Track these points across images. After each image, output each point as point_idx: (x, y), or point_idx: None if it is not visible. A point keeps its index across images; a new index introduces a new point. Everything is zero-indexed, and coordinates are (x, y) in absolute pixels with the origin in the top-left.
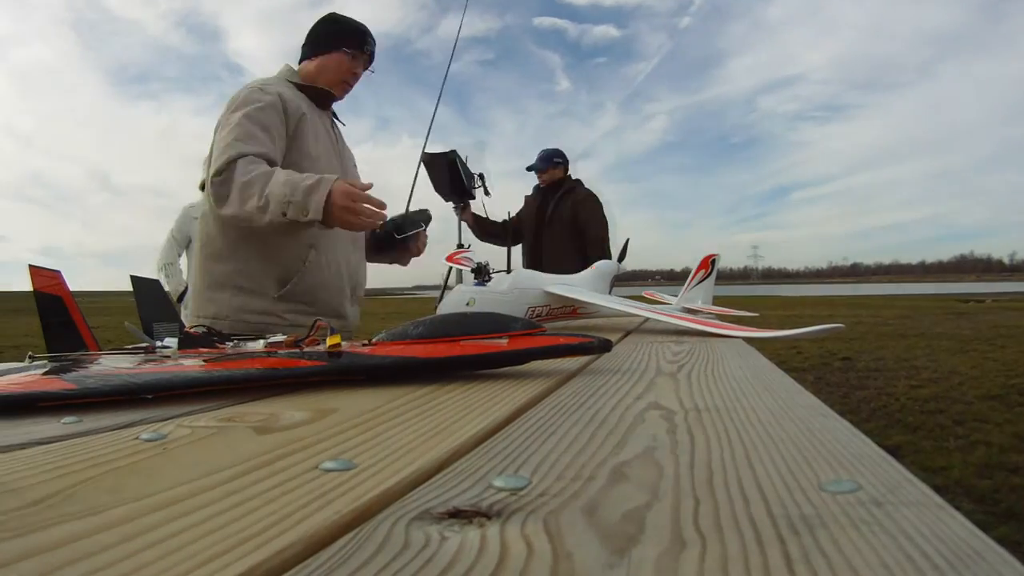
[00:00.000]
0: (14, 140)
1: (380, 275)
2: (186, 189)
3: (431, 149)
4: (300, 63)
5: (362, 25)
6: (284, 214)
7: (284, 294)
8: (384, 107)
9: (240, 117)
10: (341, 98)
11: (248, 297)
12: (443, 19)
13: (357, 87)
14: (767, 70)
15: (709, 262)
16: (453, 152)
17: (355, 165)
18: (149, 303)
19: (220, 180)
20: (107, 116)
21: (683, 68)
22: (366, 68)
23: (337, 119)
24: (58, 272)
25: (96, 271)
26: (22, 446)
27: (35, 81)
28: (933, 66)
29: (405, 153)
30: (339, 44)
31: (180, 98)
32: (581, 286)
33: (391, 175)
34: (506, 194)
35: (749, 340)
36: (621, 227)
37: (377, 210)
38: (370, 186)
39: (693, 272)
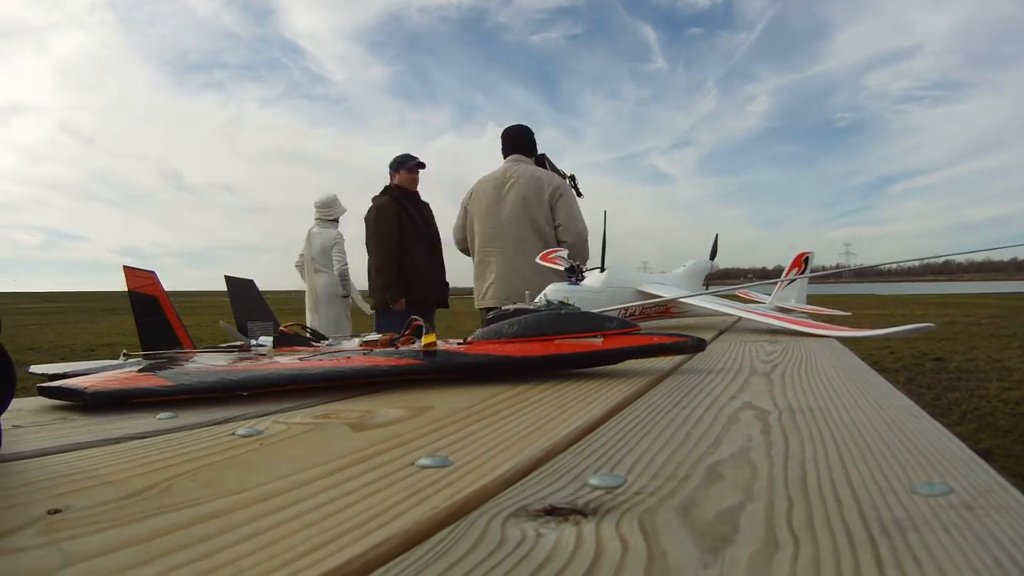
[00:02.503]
0: (73, 137)
1: (469, 275)
2: (263, 188)
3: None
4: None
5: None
6: None
7: None
8: (464, 92)
9: None
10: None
11: None
12: None
13: (430, 72)
14: (878, 41)
15: (802, 260)
16: (543, 155)
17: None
18: (243, 302)
19: None
20: (168, 108)
21: (786, 40)
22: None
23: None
24: (153, 273)
25: (180, 271)
26: (117, 440)
27: (81, 73)
28: None
29: (490, 145)
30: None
31: (247, 87)
32: (674, 285)
33: (477, 169)
34: (599, 189)
35: (842, 340)
36: (715, 223)
37: None
38: None
39: (786, 270)
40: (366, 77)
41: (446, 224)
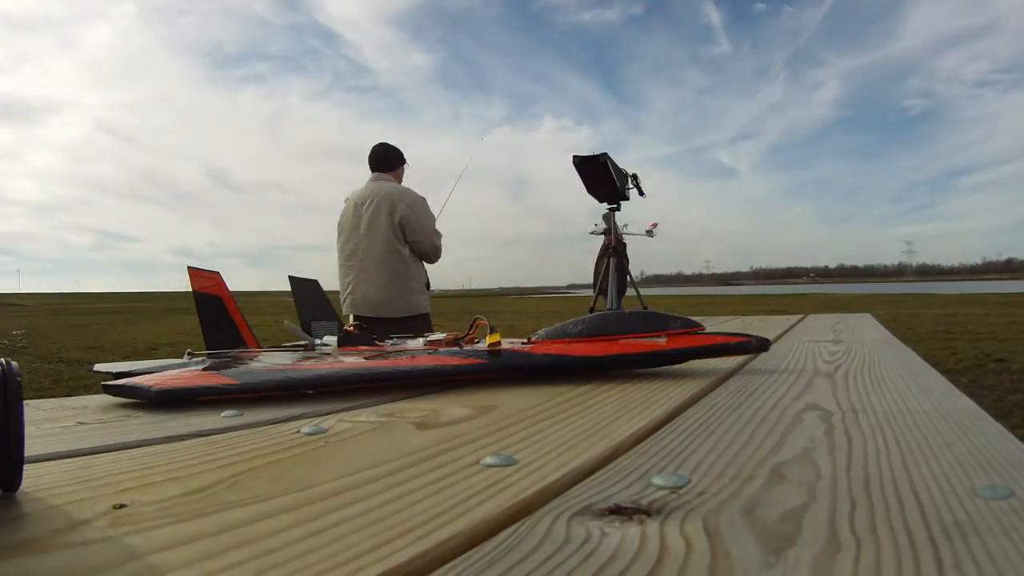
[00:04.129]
0: (112, 136)
1: (535, 274)
2: (314, 186)
3: (580, 138)
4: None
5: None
6: None
7: None
8: (517, 82)
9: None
10: None
11: None
12: None
13: (477, 59)
14: (954, 17)
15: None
16: (604, 155)
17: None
18: (308, 302)
19: None
20: (208, 104)
21: (856, 17)
22: None
23: None
24: (217, 273)
25: (238, 272)
26: (182, 437)
27: (110, 68)
28: None
29: (548, 140)
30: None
31: (289, 80)
32: None
33: (535, 165)
34: (661, 186)
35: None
36: (780, 221)
37: None
38: None
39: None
40: (409, 65)
41: (501, 217)
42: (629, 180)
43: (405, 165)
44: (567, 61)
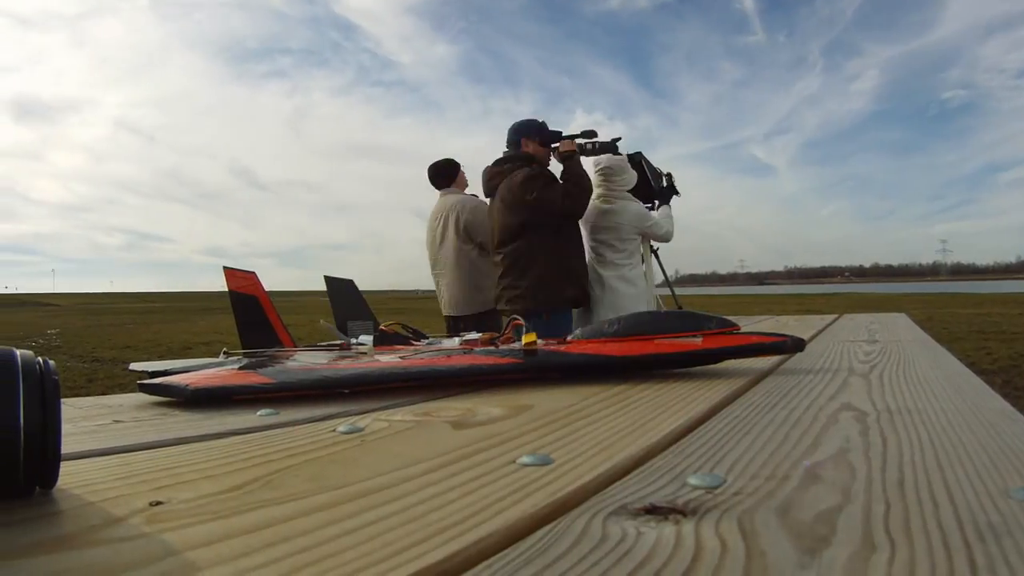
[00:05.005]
0: (134, 135)
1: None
2: (342, 184)
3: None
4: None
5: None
6: None
7: None
8: (547, 75)
9: None
10: None
11: None
12: None
13: (503, 50)
14: (995, 1)
15: None
16: (639, 154)
17: None
18: (343, 302)
19: None
20: (230, 101)
21: (893, 4)
22: None
23: None
24: (253, 273)
25: (271, 272)
26: (219, 436)
27: (125, 64)
28: None
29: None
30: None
31: (313, 75)
32: None
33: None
34: (696, 183)
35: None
36: (815, 219)
37: None
38: None
39: None
40: (433, 57)
41: None
42: (664, 179)
43: (462, 170)
44: (597, 52)
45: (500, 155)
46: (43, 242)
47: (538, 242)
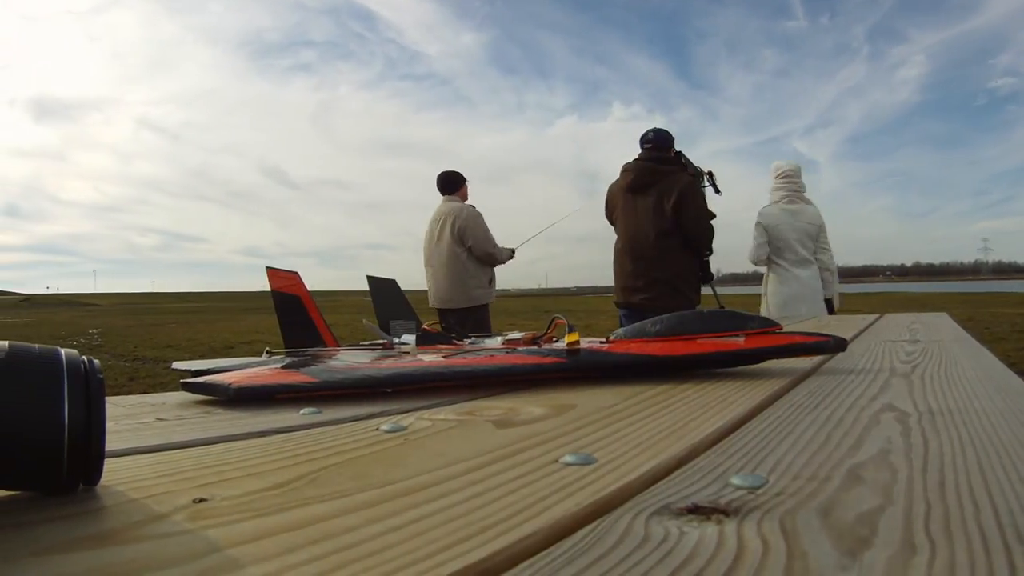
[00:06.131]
0: (158, 134)
1: (611, 272)
2: (375, 182)
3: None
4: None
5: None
6: None
7: None
8: (582, 65)
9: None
10: None
11: None
12: None
13: (532, 38)
14: None
15: None
16: (679, 153)
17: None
18: (386, 301)
19: None
20: (256, 97)
21: None
22: None
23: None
24: (295, 273)
25: (310, 271)
26: (262, 434)
27: (142, 60)
28: None
29: (618, 129)
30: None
31: (339, 68)
32: None
33: (604, 157)
34: (738, 180)
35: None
36: (856, 218)
37: None
38: None
39: None
40: (459, 47)
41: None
42: (705, 178)
43: (467, 183)
44: (632, 39)
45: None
46: (78, 243)
47: (682, 249)
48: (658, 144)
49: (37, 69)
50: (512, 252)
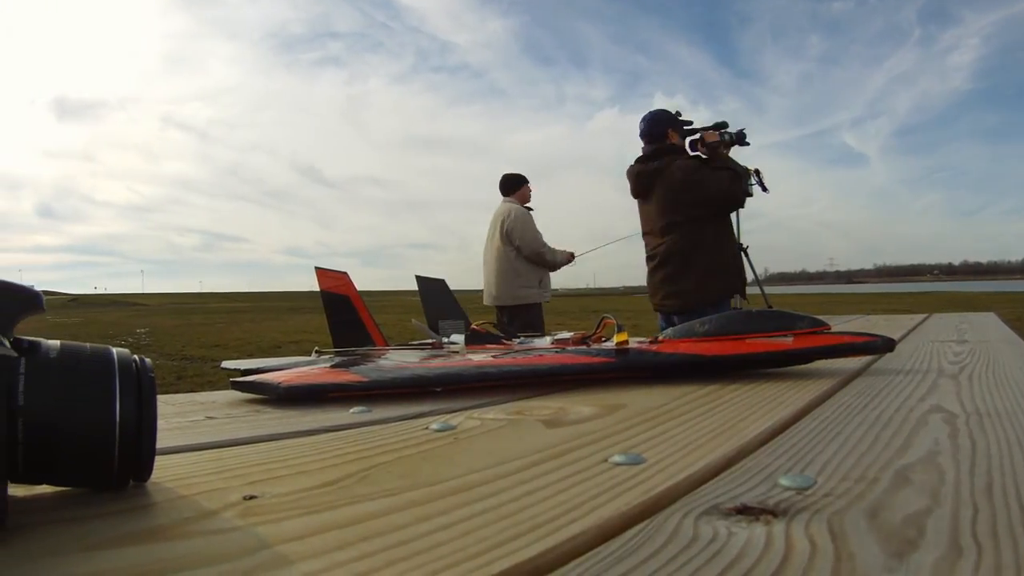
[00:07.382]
0: (185, 132)
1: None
2: (412, 179)
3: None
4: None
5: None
6: None
7: None
8: (621, 54)
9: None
10: None
11: None
12: None
13: (570, 22)
14: None
15: None
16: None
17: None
18: (435, 301)
19: None
20: (281, 91)
21: None
22: None
23: None
24: (345, 273)
25: (354, 271)
26: (312, 432)
27: (162, 55)
28: None
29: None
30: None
31: (368, 60)
32: None
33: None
34: (785, 176)
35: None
36: (905, 214)
37: None
38: None
39: None
40: (489, 34)
41: (617, 210)
42: (752, 176)
43: (527, 185)
44: (671, 26)
45: (639, 152)
46: (118, 243)
47: (699, 237)
48: (650, 136)
49: (55, 68)
50: (571, 256)
